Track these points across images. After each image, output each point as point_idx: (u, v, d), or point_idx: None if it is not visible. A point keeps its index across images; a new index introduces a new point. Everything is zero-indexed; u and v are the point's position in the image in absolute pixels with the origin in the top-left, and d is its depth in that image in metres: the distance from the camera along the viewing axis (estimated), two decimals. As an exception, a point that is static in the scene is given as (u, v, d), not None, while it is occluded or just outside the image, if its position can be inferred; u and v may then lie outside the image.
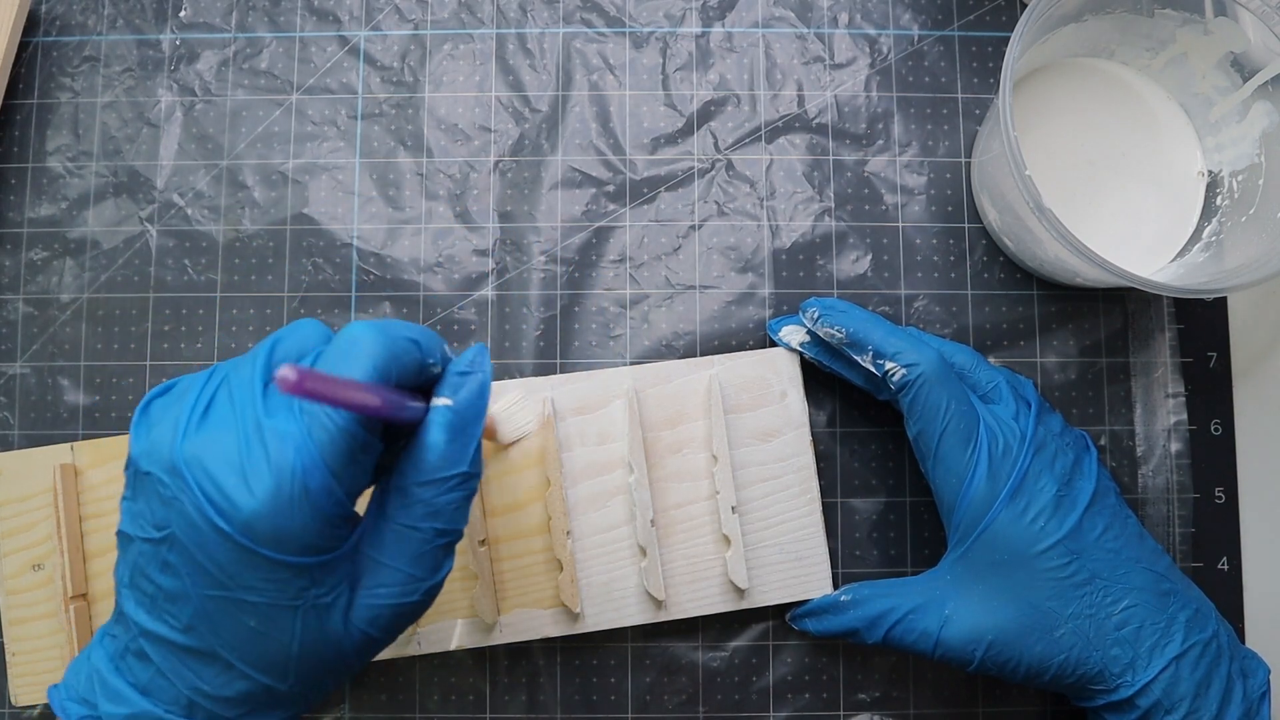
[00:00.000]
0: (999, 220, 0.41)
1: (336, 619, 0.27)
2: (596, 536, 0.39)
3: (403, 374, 0.27)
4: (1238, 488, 0.42)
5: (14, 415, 0.41)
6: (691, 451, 0.39)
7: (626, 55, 0.43)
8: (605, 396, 0.39)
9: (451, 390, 0.28)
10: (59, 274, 0.42)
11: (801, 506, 0.39)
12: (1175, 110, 0.42)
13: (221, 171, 0.43)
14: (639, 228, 0.42)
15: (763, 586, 0.39)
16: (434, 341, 0.28)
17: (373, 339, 0.26)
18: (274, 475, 0.24)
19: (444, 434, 0.27)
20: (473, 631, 0.38)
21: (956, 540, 0.35)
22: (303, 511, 0.25)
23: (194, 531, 0.25)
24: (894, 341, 0.36)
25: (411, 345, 0.27)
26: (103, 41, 0.43)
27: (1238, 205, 0.40)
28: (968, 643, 0.34)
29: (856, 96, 0.43)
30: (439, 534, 0.27)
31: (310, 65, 0.43)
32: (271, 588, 0.25)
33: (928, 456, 0.36)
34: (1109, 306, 0.42)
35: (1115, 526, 0.34)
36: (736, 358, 0.40)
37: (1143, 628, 0.33)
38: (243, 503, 0.24)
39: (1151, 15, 0.39)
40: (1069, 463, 0.35)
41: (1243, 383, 0.42)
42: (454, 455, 0.27)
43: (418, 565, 0.27)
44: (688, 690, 0.40)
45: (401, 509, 0.27)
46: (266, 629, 0.26)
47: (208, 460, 0.25)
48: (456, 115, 0.43)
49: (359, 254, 0.42)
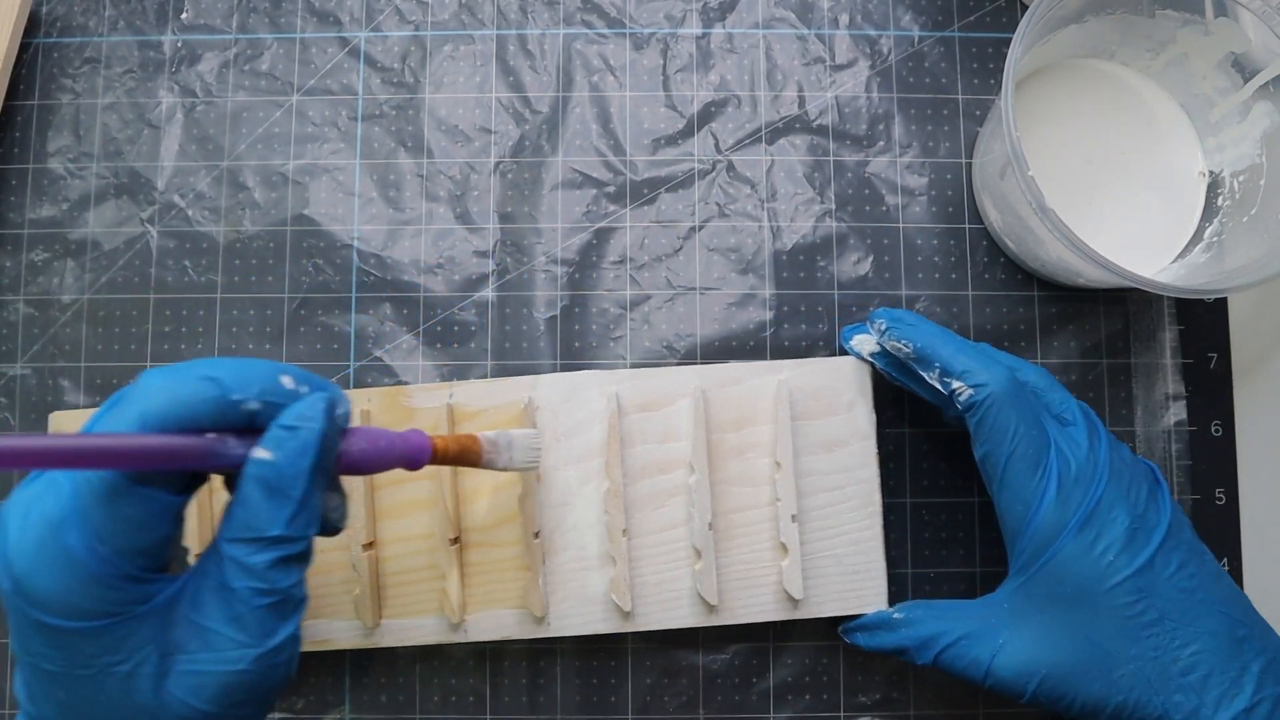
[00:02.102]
0: (1000, 221, 0.41)
1: (144, 688, 0.24)
2: (652, 536, 0.38)
3: (197, 417, 0.24)
4: (1238, 489, 0.41)
5: (14, 416, 0.41)
6: (755, 456, 0.38)
7: (627, 56, 0.43)
8: (671, 395, 0.38)
9: (273, 445, 0.25)
10: (60, 275, 0.42)
11: (862, 519, 0.38)
12: (1176, 111, 0.42)
13: (222, 173, 0.43)
14: (640, 229, 0.42)
15: (817, 597, 0.38)
16: (249, 375, 0.25)
17: (154, 384, 0.24)
18: (37, 531, 0.23)
19: (256, 490, 0.25)
20: (523, 623, 0.38)
21: (1018, 568, 0.34)
22: (61, 570, 0.23)
23: (3, 593, 0.24)
24: (962, 359, 0.34)
25: (206, 384, 0.24)
26: (104, 43, 0.43)
27: (1239, 206, 0.40)
28: (1020, 675, 0.32)
29: (857, 98, 0.43)
30: (257, 593, 0.25)
31: (311, 67, 0.43)
32: (59, 655, 0.24)
33: (993, 480, 0.34)
34: (1110, 307, 0.42)
35: (1191, 564, 0.32)
36: (806, 364, 0.39)
37: (1211, 675, 0.31)
38: (15, 562, 0.23)
39: (1152, 16, 0.39)
40: (1143, 494, 0.33)
41: (1243, 384, 0.42)
42: (268, 515, 0.25)
43: (239, 629, 0.25)
44: (688, 692, 0.40)
45: (215, 566, 0.25)
46: (72, 700, 0.24)
47: (8, 518, 0.24)
48: (457, 116, 0.43)
49: (359, 255, 0.42)
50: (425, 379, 0.41)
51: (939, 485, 0.41)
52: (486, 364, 0.41)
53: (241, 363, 0.26)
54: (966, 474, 0.41)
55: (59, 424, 0.39)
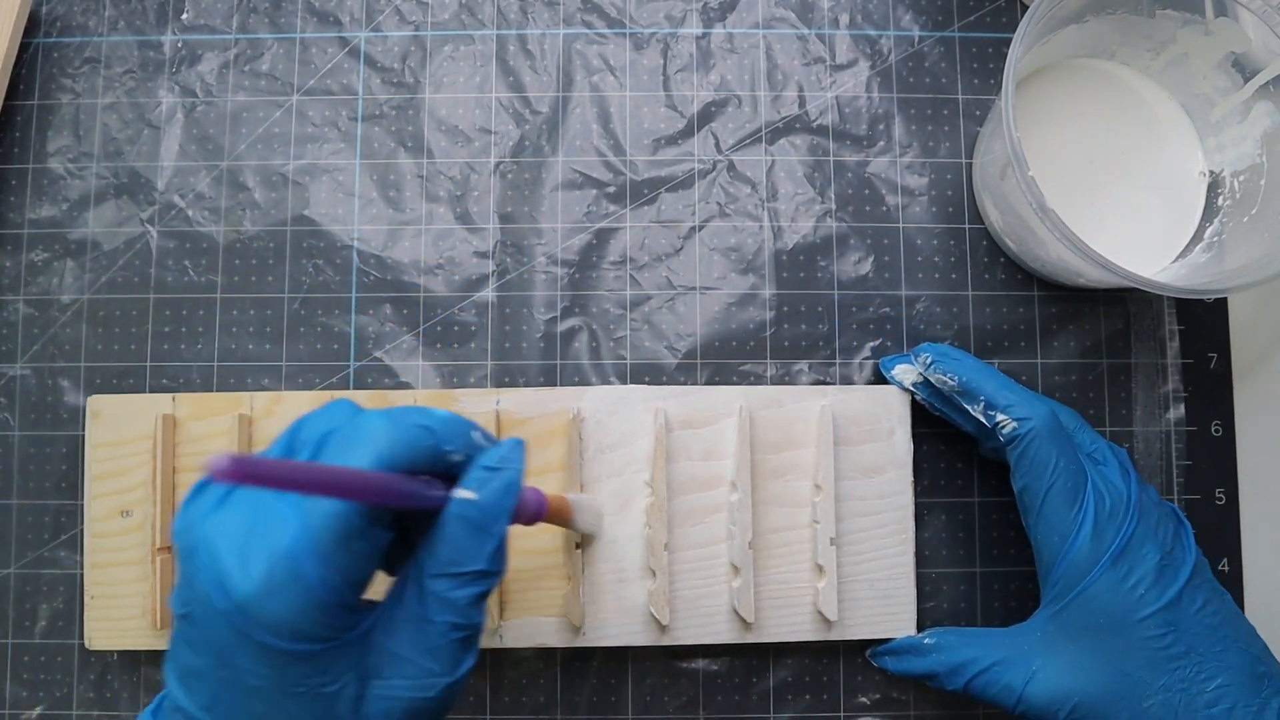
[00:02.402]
0: (1000, 221, 0.41)
1: (344, 710, 0.26)
2: (692, 551, 0.38)
3: (413, 461, 0.26)
4: (1238, 489, 0.42)
5: (14, 416, 0.41)
6: (795, 478, 0.39)
7: (627, 56, 0.43)
8: (715, 413, 0.39)
9: (476, 484, 0.27)
10: (59, 275, 0.42)
11: (896, 545, 0.39)
12: (1176, 111, 0.42)
13: (222, 173, 0.43)
14: (640, 229, 0.42)
15: (850, 620, 0.38)
16: (455, 428, 0.28)
17: (378, 427, 0.26)
18: (268, 560, 0.24)
19: (461, 528, 0.27)
20: (561, 632, 0.38)
21: (1051, 598, 0.35)
22: (295, 597, 0.24)
23: (205, 611, 0.25)
24: (1006, 394, 0.36)
25: (423, 432, 0.26)
26: (104, 43, 0.43)
27: (1239, 206, 0.40)
28: (1052, 702, 0.34)
29: (857, 98, 0.43)
30: (453, 628, 0.26)
31: (311, 67, 0.43)
32: (271, 673, 0.25)
33: (1031, 511, 0.35)
34: (1110, 307, 0.42)
35: (1214, 602, 0.34)
36: (850, 391, 0.40)
37: (1235, 708, 0.33)
38: (238, 586, 0.24)
39: (1152, 16, 0.39)
40: (1170, 533, 0.35)
41: (1243, 384, 0.42)
42: (471, 550, 0.27)
43: (434, 659, 0.26)
44: (688, 693, 0.40)
45: (415, 599, 0.27)
46: (272, 714, 0.25)
47: (217, 542, 0.25)
48: (457, 117, 0.43)
49: (359, 255, 0.42)
50: (425, 380, 0.41)
51: (939, 485, 0.41)
52: (486, 364, 0.41)
53: (447, 415, 0.28)
54: (967, 474, 0.41)
55: (97, 407, 0.39)
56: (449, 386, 0.41)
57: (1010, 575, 0.41)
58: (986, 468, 0.41)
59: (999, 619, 0.41)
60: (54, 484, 0.41)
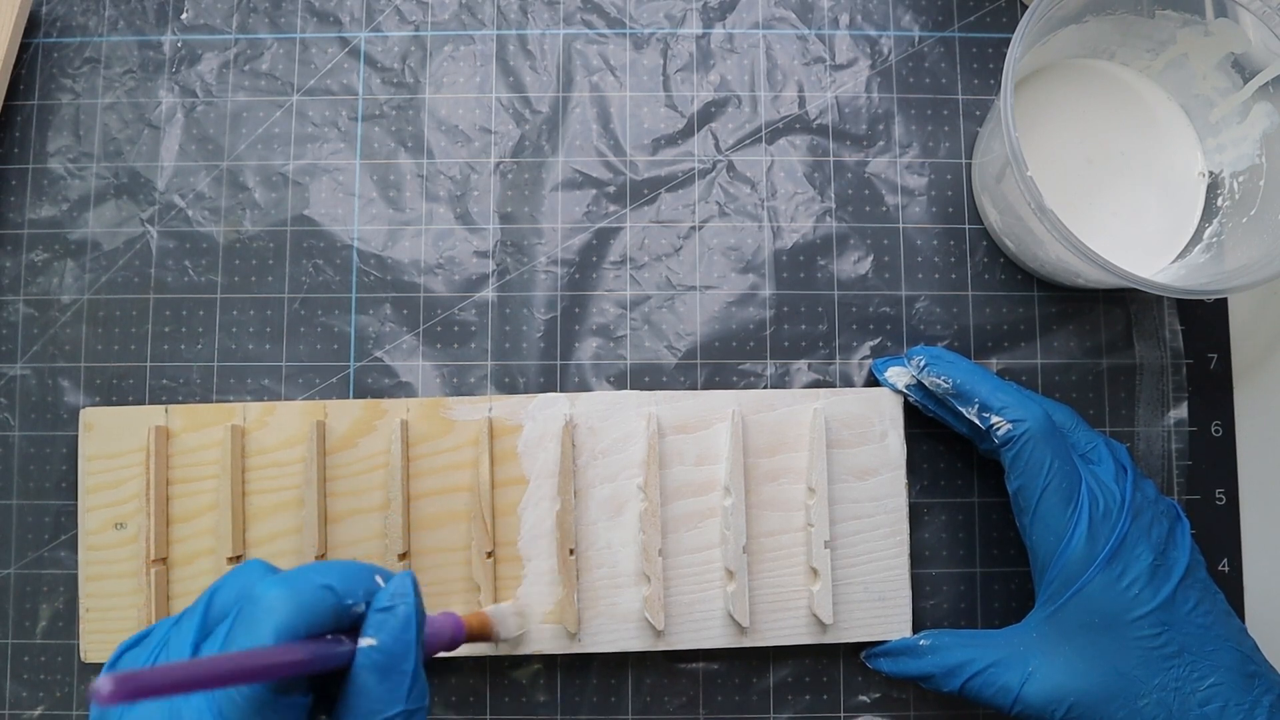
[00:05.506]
0: (1000, 221, 0.41)
1: None
2: (686, 556, 0.39)
3: (318, 624, 0.26)
4: (1238, 489, 0.42)
5: (14, 416, 0.41)
6: (789, 481, 0.39)
7: (627, 56, 0.43)
8: (708, 418, 0.39)
9: (375, 629, 0.26)
10: (59, 275, 0.42)
11: (890, 548, 0.39)
12: (1176, 111, 0.42)
13: (222, 173, 0.43)
14: (640, 229, 0.42)
15: (845, 623, 0.39)
16: (355, 579, 0.27)
17: (275, 598, 0.25)
18: None
19: (371, 676, 0.26)
20: (556, 638, 0.38)
21: (1046, 599, 0.35)
22: None
23: None
24: (1001, 396, 0.36)
25: (324, 592, 0.26)
26: (104, 43, 0.43)
27: (1239, 206, 0.40)
28: (1049, 702, 0.34)
29: (857, 97, 0.43)
30: None
31: (311, 67, 0.43)
32: None
33: (1026, 512, 0.36)
34: (1109, 308, 0.42)
35: (1206, 602, 0.34)
36: (842, 394, 0.40)
37: (1227, 707, 0.33)
38: None
39: (1152, 16, 0.39)
40: (1164, 532, 0.35)
41: (1243, 384, 0.42)
42: (385, 696, 0.26)
43: None
44: (688, 692, 0.40)
45: None
46: None
47: None
48: (457, 117, 0.43)
49: (359, 255, 0.42)
50: (425, 379, 0.41)
51: (939, 485, 0.41)
52: (486, 364, 0.41)
53: (344, 566, 0.27)
54: (966, 475, 0.41)
55: (90, 419, 0.39)
56: (449, 386, 0.41)
57: (1009, 575, 0.41)
58: (986, 468, 0.41)
59: (998, 619, 0.41)
60: (54, 484, 0.41)
